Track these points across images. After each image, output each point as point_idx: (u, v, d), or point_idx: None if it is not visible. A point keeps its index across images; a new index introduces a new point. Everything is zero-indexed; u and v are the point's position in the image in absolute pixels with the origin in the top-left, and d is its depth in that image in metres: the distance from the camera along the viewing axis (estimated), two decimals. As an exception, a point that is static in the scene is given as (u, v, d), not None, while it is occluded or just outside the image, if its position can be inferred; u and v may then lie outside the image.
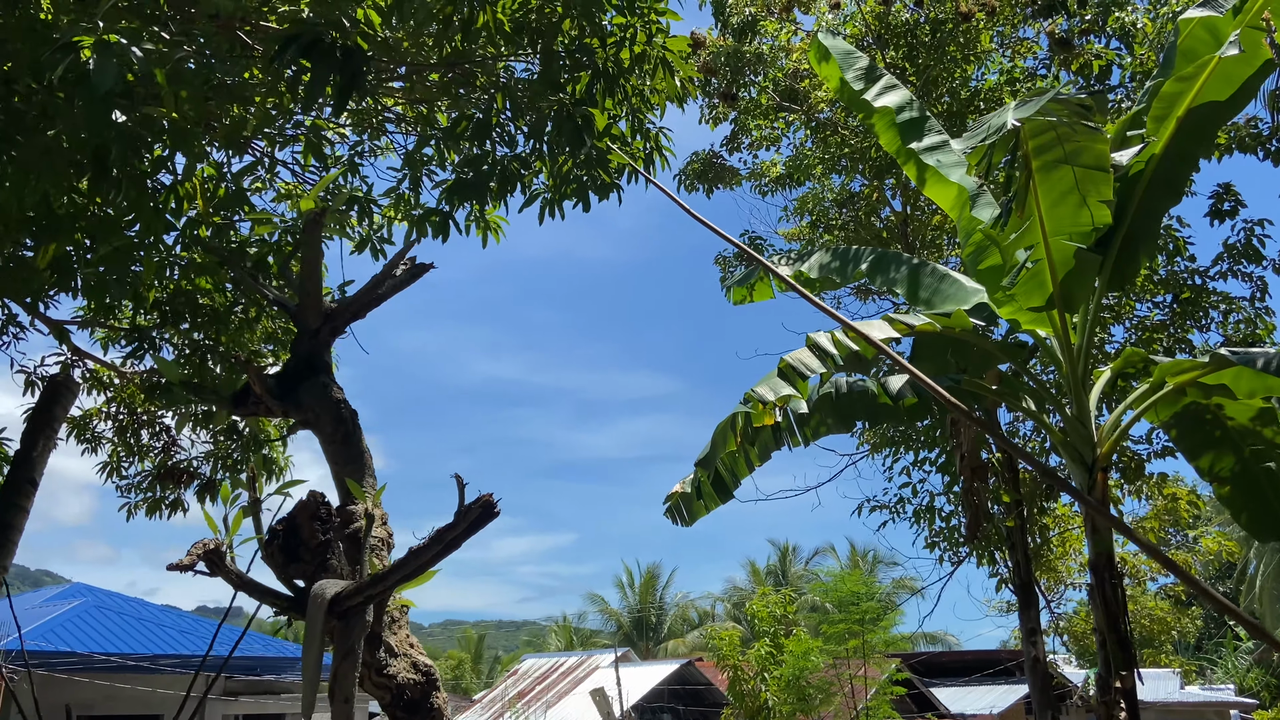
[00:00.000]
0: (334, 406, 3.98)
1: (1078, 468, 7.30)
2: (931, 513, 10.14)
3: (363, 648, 3.39)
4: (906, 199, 11.50)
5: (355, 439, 4.10)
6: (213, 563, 3.46)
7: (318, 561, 3.72)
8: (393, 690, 3.56)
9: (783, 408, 6.93)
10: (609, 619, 59.29)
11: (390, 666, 3.57)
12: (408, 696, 3.56)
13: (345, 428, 4.05)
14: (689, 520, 8.19)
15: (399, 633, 3.78)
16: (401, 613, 3.86)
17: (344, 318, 4.29)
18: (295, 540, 3.75)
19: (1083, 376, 7.50)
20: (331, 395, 3.97)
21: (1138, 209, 7.19)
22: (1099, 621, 6.83)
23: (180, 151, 5.19)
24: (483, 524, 3.01)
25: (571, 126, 6.24)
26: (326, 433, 4.01)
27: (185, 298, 9.05)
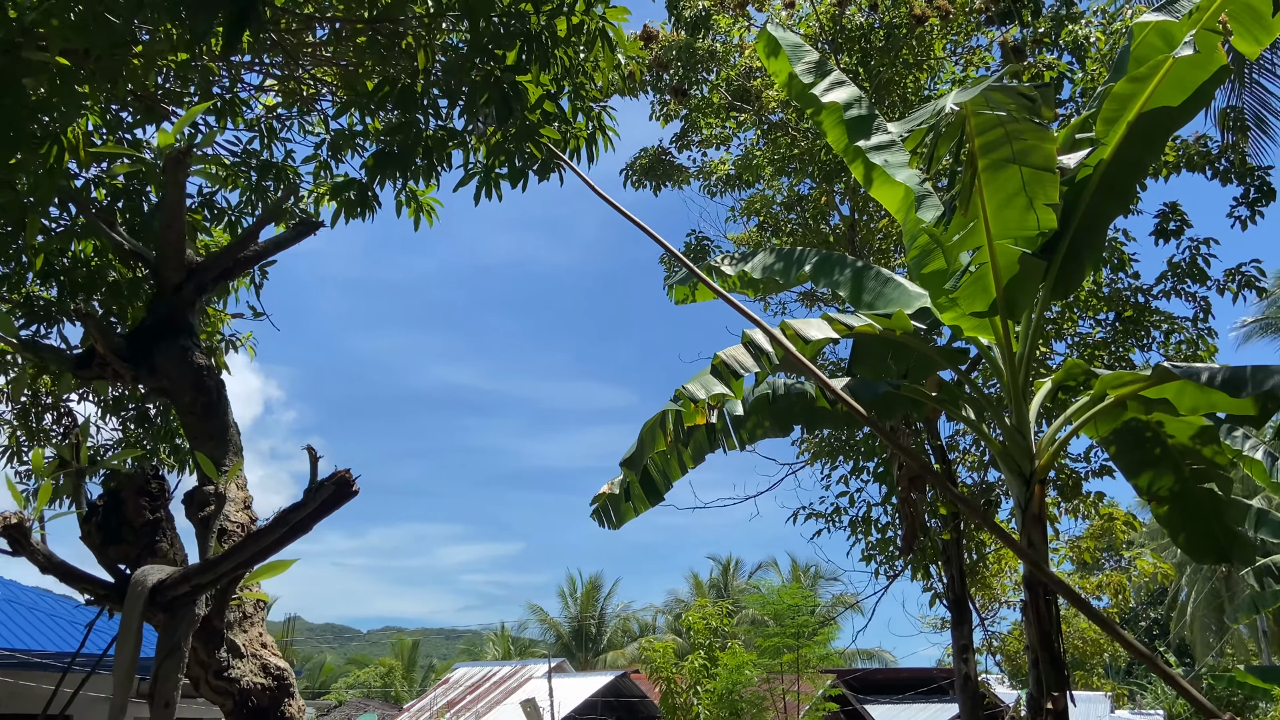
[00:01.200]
0: (194, 373, 3.54)
1: (1015, 480, 7.08)
2: (868, 523, 9.89)
3: (199, 646, 2.97)
4: (855, 204, 11.30)
5: (218, 411, 3.65)
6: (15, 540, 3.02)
7: (143, 544, 3.27)
8: (235, 696, 3.13)
9: (716, 407, 6.61)
10: (548, 629, 58.66)
11: (233, 669, 3.14)
12: (253, 704, 3.13)
13: (207, 398, 3.61)
14: (617, 523, 7.83)
15: (249, 630, 3.35)
16: (257, 608, 3.44)
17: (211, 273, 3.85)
18: (118, 518, 3.31)
19: (1023, 387, 7.29)
20: (192, 360, 3.53)
21: (1084, 215, 7.00)
22: (1032, 640, 6.59)
23: (59, 98, 4.73)
24: (337, 504, 2.62)
25: (500, 95, 5.86)
26: (184, 403, 3.57)
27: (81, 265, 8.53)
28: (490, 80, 5.88)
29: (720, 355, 6.22)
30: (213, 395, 3.61)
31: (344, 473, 2.70)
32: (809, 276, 8.52)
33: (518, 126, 6.40)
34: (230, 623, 3.31)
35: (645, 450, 6.29)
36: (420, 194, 9.20)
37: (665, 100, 12.07)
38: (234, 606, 3.31)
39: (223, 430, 3.66)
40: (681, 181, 12.45)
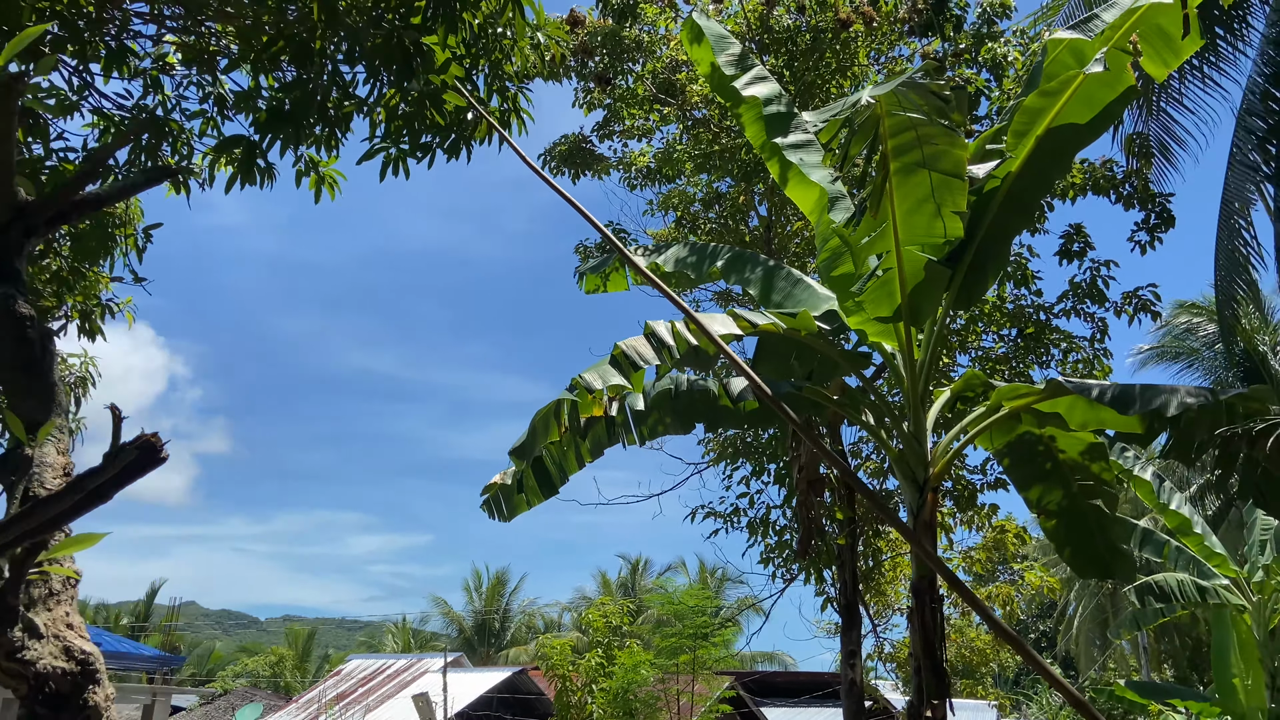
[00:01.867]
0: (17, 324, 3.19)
1: (909, 486, 7.08)
2: (766, 525, 9.86)
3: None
4: (772, 206, 11.27)
5: (43, 368, 3.29)
6: None
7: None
8: (30, 680, 2.82)
9: (614, 399, 6.44)
10: (451, 623, 57.84)
11: (29, 650, 2.83)
12: (50, 689, 2.82)
13: (29, 351, 3.26)
14: (508, 515, 7.59)
15: (55, 609, 3.03)
16: (66, 585, 3.12)
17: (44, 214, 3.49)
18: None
19: (922, 395, 7.31)
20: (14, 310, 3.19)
21: (990, 227, 7.04)
22: (915, 647, 6.59)
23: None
24: (142, 470, 2.36)
25: (401, 53, 5.58)
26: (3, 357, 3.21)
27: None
28: (392, 39, 5.61)
29: (620, 346, 6.05)
30: (36, 349, 3.28)
31: (150, 436, 2.44)
32: (720, 273, 8.43)
33: (420, 90, 6.14)
34: (33, 600, 3.00)
35: (537, 440, 6.08)
36: (322, 164, 8.85)
37: (589, 88, 11.88)
38: (39, 583, 3.00)
39: (48, 389, 3.32)
40: (601, 171, 12.27)
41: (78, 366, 10.69)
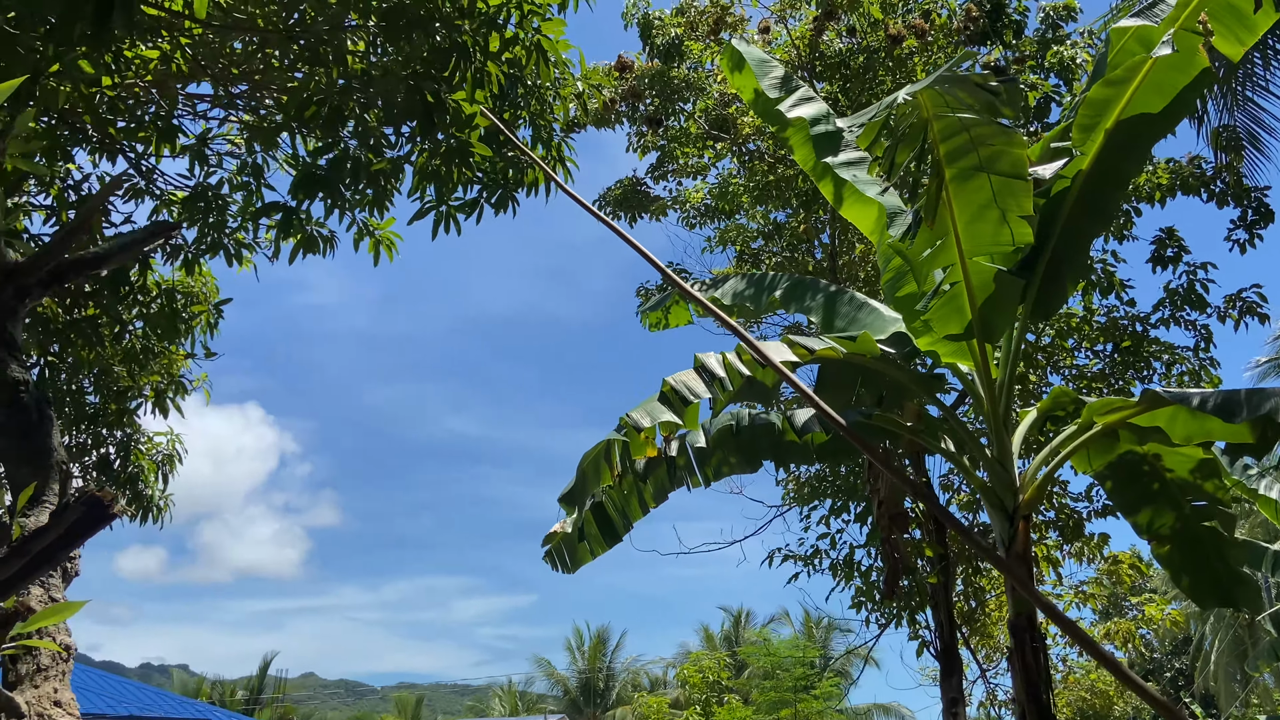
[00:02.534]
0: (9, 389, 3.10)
1: (998, 516, 6.54)
2: (850, 567, 9.29)
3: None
4: (835, 232, 10.87)
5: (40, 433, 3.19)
6: None
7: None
8: (8, 765, 2.62)
9: (668, 438, 6.11)
10: (556, 684, 57.32)
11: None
12: (34, 773, 2.63)
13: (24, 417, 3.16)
14: (572, 566, 7.29)
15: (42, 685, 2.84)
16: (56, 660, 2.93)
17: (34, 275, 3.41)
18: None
19: (1004, 415, 6.78)
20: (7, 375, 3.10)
21: (1064, 231, 6.54)
22: (1018, 691, 6.01)
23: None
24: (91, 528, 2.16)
25: (421, 106, 5.47)
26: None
27: None
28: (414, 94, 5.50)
29: (669, 381, 5.75)
30: (32, 414, 3.17)
31: (99, 491, 2.24)
32: (779, 302, 8.08)
33: (447, 145, 6.03)
34: (20, 676, 2.82)
35: (588, 484, 5.79)
36: (377, 227, 8.89)
37: (642, 131, 11.74)
38: (26, 659, 2.83)
39: (44, 454, 3.20)
40: (658, 213, 12.08)
41: (164, 444, 10.90)
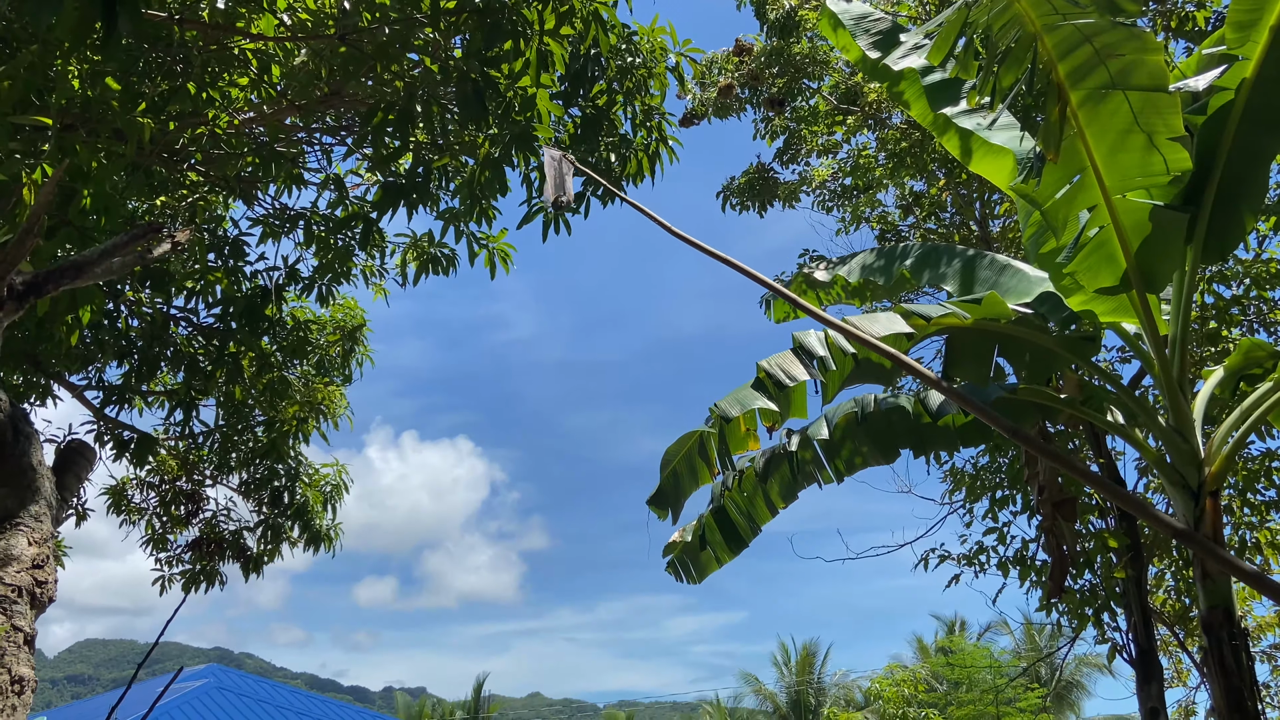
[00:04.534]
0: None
1: (1180, 494, 5.55)
2: (1022, 563, 8.24)
3: None
4: (983, 194, 9.81)
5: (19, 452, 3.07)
6: None
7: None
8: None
9: (771, 428, 5.54)
10: (765, 699, 56.39)
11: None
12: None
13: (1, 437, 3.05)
14: (698, 577, 6.80)
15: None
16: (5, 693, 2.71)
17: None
18: None
19: (1180, 377, 5.77)
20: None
21: (1232, 151, 5.51)
22: (1217, 700, 5.02)
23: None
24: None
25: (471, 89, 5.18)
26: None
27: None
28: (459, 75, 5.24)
29: (763, 365, 5.19)
30: (6, 433, 3.07)
31: None
32: (910, 274, 7.31)
33: (510, 131, 5.74)
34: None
35: (682, 484, 5.31)
36: (491, 240, 8.79)
37: (768, 116, 11.14)
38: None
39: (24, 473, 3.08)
40: (790, 199, 11.38)
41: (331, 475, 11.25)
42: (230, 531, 11.00)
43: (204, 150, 7.25)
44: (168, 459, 10.84)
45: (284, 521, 11.05)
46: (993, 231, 9.95)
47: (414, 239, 9.11)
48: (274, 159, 7.14)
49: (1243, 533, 9.00)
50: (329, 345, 10.24)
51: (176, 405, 9.33)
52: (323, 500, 11.24)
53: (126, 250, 3.25)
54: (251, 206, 8.72)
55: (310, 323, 9.94)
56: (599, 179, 5.47)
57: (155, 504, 11.01)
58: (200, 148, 7.15)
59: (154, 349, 8.71)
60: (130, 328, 8.85)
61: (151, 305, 8.82)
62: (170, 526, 11.00)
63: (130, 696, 20.20)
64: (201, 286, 8.69)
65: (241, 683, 25.99)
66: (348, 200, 8.11)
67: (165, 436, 10.45)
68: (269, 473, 10.75)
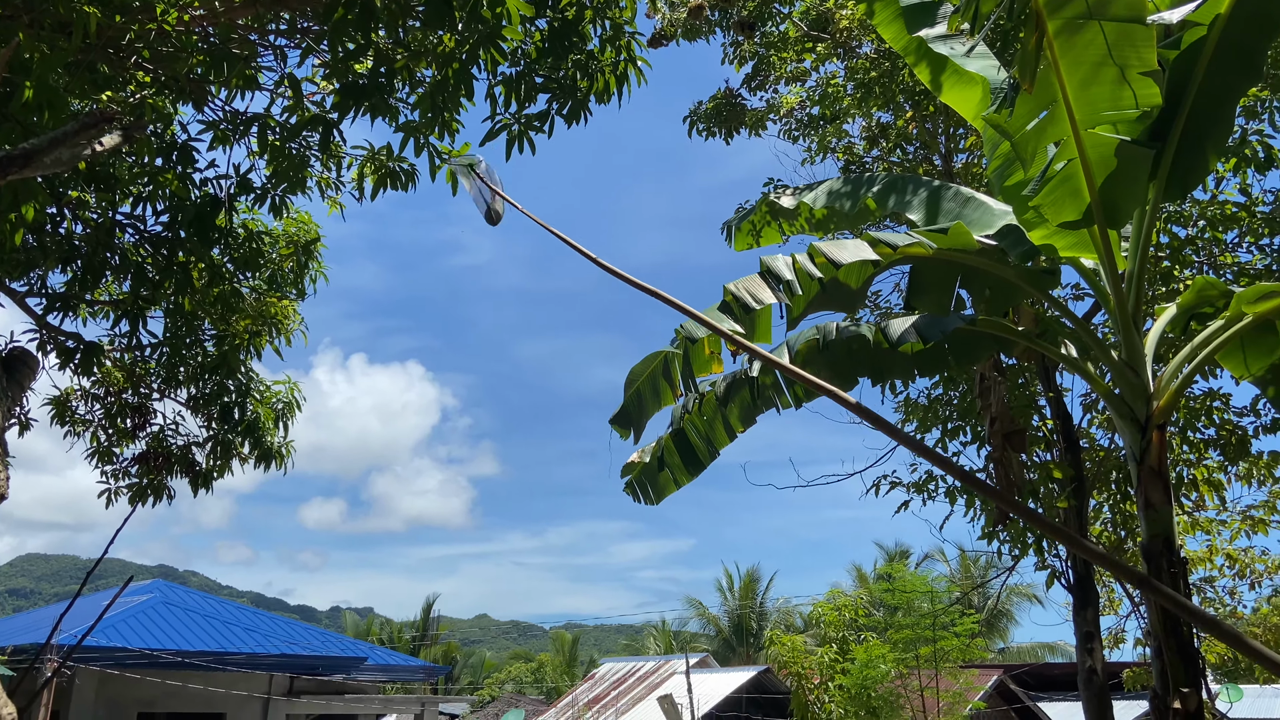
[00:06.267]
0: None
1: (1129, 427, 5.70)
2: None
3: None
4: (948, 127, 9.80)
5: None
6: None
7: None
8: None
9: (735, 352, 5.55)
10: (708, 624, 57.92)
11: None
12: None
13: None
14: (656, 498, 6.86)
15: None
16: None
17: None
18: None
19: (1135, 313, 5.87)
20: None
21: (1201, 88, 5.54)
22: (1154, 624, 5.22)
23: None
24: None
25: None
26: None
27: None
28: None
29: (729, 287, 5.17)
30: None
31: None
32: (875, 202, 7.31)
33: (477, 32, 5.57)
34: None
35: (646, 405, 5.32)
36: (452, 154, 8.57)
37: (737, 41, 10.95)
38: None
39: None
40: (757, 126, 11.27)
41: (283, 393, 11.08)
42: (179, 446, 10.83)
43: (152, 48, 6.95)
44: (114, 371, 10.58)
45: (234, 438, 10.88)
46: (956, 167, 9.97)
47: (372, 152, 8.86)
48: (226, 59, 6.86)
49: (1180, 469, 9.31)
50: (282, 259, 10.00)
51: (122, 315, 9.08)
52: (274, 417, 11.07)
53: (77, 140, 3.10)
54: (201, 110, 8.39)
55: (263, 235, 9.67)
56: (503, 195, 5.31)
57: (101, 416, 10.79)
58: (148, 44, 6.85)
59: (99, 255, 8.44)
60: (74, 233, 8.57)
61: (98, 209, 8.52)
62: (116, 439, 10.80)
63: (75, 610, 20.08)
64: (149, 192, 8.40)
65: (187, 598, 25.96)
66: (304, 105, 7.84)
67: (111, 348, 10.19)
68: (219, 388, 10.55)
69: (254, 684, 22.19)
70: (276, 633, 23.35)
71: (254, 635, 22.91)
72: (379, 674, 26.45)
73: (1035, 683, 32.68)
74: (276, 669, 22.33)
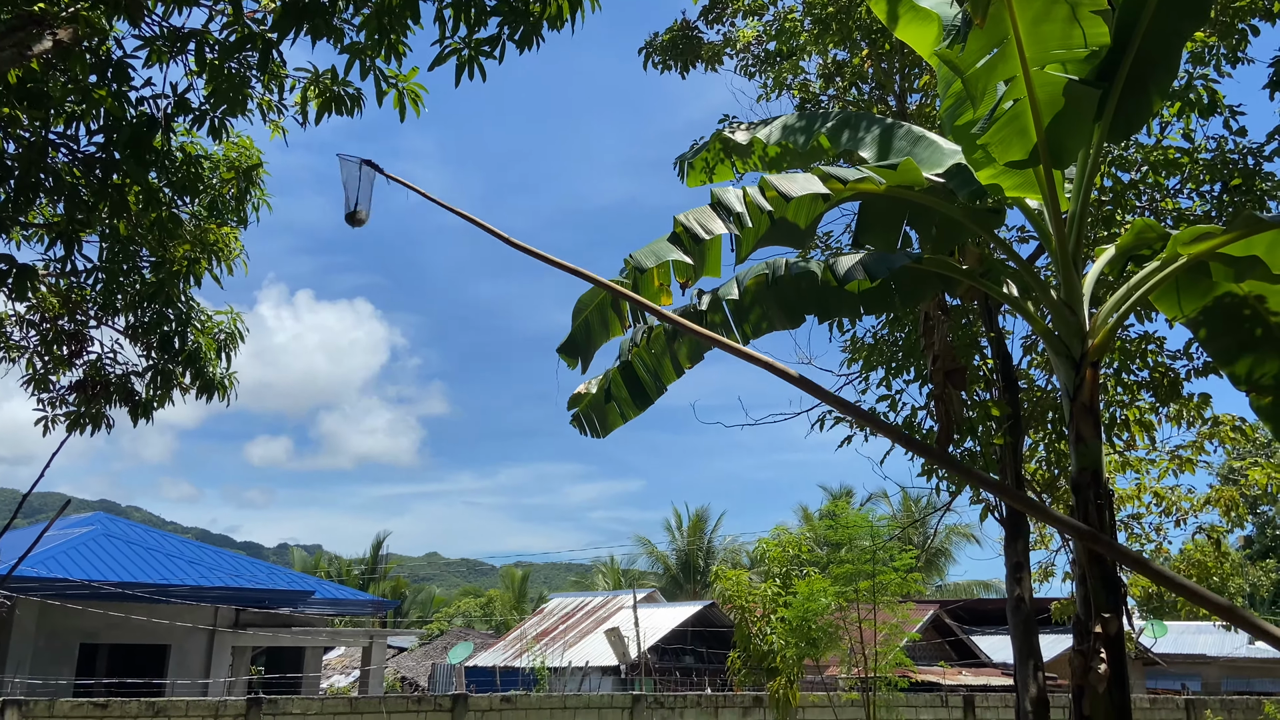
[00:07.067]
0: None
1: (1063, 365, 5.84)
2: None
3: None
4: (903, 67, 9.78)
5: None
6: None
7: None
8: None
9: (685, 284, 5.56)
10: (657, 561, 58.92)
11: None
12: None
13: None
14: (602, 431, 6.89)
15: None
16: None
17: None
18: None
19: (1075, 253, 5.99)
20: None
21: (1148, 29, 5.58)
22: (1079, 553, 5.42)
23: None
24: None
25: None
26: None
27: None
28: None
29: (680, 218, 5.16)
30: None
31: None
32: (828, 136, 7.30)
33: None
34: None
35: (594, 335, 5.32)
36: (401, 79, 8.35)
37: (694, -33, 10.75)
38: None
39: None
40: (714, 61, 11.15)
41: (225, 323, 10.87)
42: (117, 375, 10.61)
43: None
44: (49, 296, 10.30)
45: (174, 367, 10.67)
46: (910, 107, 9.98)
47: (315, 74, 8.61)
48: None
49: (1114, 410, 9.59)
50: (222, 184, 9.74)
51: (57, 238, 8.81)
52: (216, 348, 10.87)
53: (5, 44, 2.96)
54: (137, 25, 8.06)
55: (202, 159, 9.40)
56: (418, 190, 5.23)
57: (36, 343, 10.52)
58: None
59: (32, 175, 8.15)
60: (5, 152, 8.25)
61: (30, 129, 8.21)
62: (53, 367, 10.56)
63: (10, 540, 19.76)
64: (83, 111, 8.10)
65: (129, 530, 25.70)
66: (244, 22, 7.57)
67: (46, 272, 9.90)
68: (158, 316, 10.31)
69: (199, 616, 22.14)
70: (221, 566, 23.25)
71: (198, 568, 22.79)
72: (327, 607, 26.53)
73: (969, 617, 33.86)
74: (221, 601, 22.30)
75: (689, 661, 26.47)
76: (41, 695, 16.96)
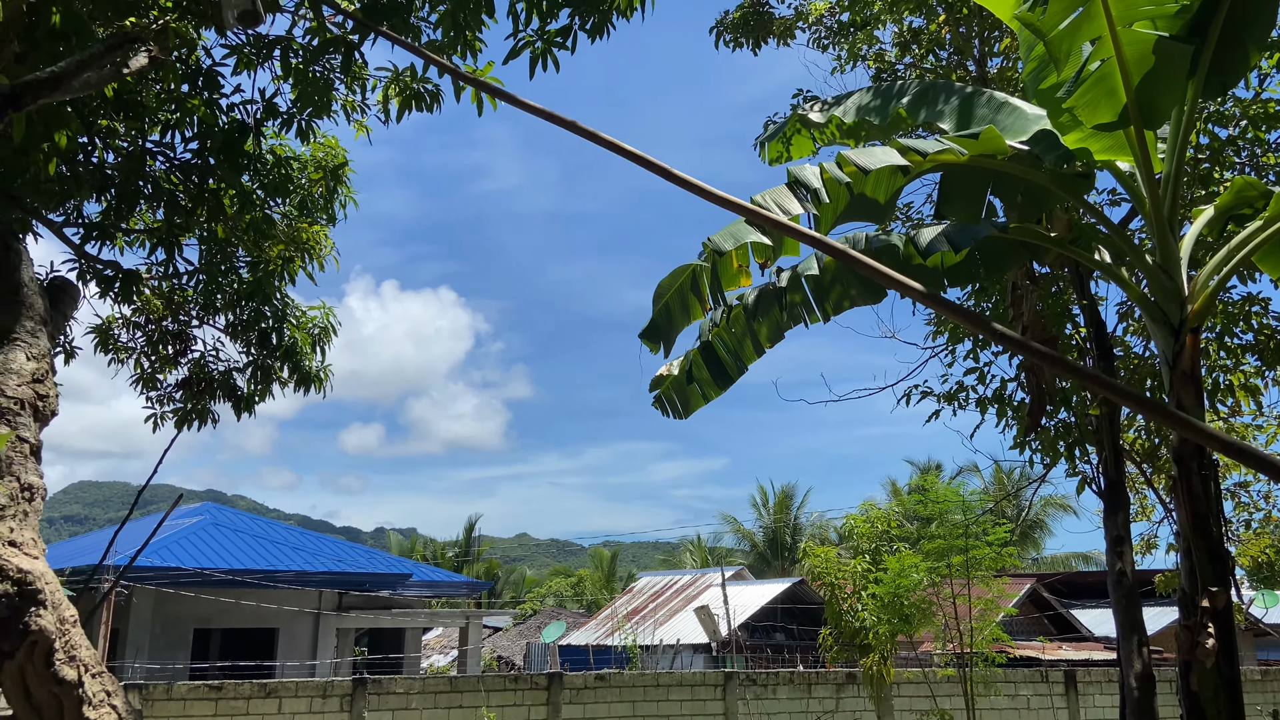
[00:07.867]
0: (-35, 223, 2.95)
1: (1162, 332, 5.65)
2: (1001, 401, 8.43)
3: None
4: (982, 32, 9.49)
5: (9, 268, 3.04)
6: None
7: None
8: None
9: (764, 265, 5.55)
10: (743, 539, 58.86)
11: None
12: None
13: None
14: (684, 412, 6.94)
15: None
16: (16, 499, 2.79)
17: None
18: None
19: (1170, 216, 5.77)
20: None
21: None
22: (1183, 525, 5.26)
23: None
24: None
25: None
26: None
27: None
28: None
29: (756, 199, 5.15)
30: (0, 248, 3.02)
31: None
32: (906, 111, 7.17)
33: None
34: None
35: (675, 319, 5.35)
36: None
37: (763, -56, 10.61)
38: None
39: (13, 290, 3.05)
40: (786, 36, 10.99)
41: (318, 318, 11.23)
42: (219, 371, 11.05)
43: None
44: (153, 299, 10.77)
45: (273, 363, 11.07)
46: (990, 72, 9.71)
47: (396, 73, 8.81)
48: None
49: (1216, 375, 9.23)
50: (311, 184, 10.05)
51: (158, 243, 9.22)
52: (311, 342, 11.23)
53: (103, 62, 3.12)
54: (224, 34, 8.37)
55: (291, 160, 9.70)
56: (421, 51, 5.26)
57: (143, 344, 11.01)
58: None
59: (132, 183, 8.54)
60: (106, 162, 8.65)
61: (128, 138, 8.58)
62: (159, 366, 11.04)
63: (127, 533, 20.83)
64: (177, 119, 8.44)
65: (236, 519, 26.78)
66: (326, 27, 7.79)
67: (149, 275, 10.35)
68: (256, 313, 10.71)
69: (304, 600, 23.00)
70: (324, 551, 24.08)
71: (301, 554, 23.66)
72: (424, 589, 27.26)
73: (1068, 590, 33.02)
74: (325, 586, 23.12)
75: (779, 639, 26.46)
76: (159, 679, 17.88)
